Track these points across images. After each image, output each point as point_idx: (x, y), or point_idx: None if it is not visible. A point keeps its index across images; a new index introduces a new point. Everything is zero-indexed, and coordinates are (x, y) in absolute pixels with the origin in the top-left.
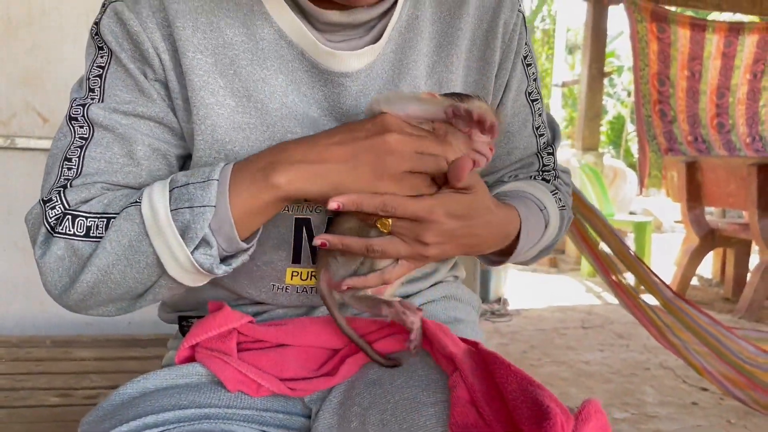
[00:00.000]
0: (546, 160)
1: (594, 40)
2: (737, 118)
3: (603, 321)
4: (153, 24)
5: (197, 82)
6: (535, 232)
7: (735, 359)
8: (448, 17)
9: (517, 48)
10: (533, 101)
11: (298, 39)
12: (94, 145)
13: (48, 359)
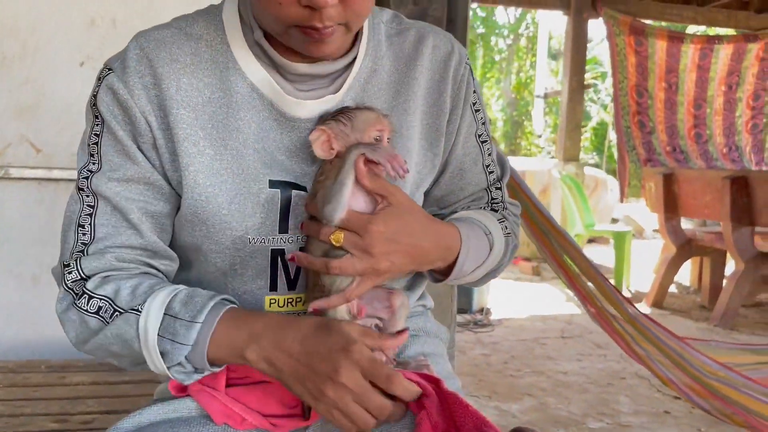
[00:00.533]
0: (494, 194)
1: (574, 53)
2: (714, 128)
3: (582, 331)
4: (140, 89)
5: (181, 135)
6: (478, 252)
7: (694, 372)
8: (404, 69)
9: (465, 96)
10: (482, 142)
11: (268, 91)
12: (100, 214)
13: (44, 384)
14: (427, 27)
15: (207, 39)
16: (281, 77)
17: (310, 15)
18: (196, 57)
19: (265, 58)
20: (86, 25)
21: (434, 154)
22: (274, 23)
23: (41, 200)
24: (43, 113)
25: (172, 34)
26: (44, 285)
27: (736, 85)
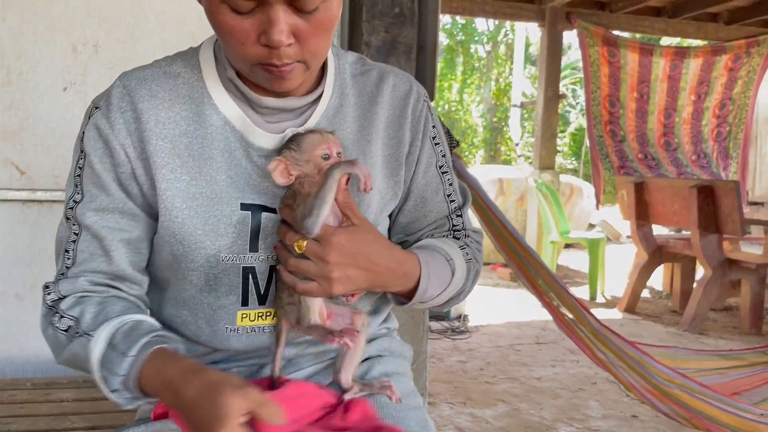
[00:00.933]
0: (455, 221)
1: (549, 64)
2: (682, 137)
3: (556, 337)
4: (121, 124)
5: (159, 163)
6: (440, 278)
7: (652, 379)
8: (367, 104)
9: (424, 130)
10: (443, 173)
11: (238, 124)
12: (81, 241)
13: (30, 402)
14: (388, 68)
15: (184, 77)
16: (252, 111)
17: (268, 53)
18: (173, 93)
19: (238, 93)
20: (69, 51)
21: (395, 182)
22: (239, 62)
23: (25, 221)
24: (27, 137)
25: (152, 73)
26: (28, 303)
27: (704, 95)
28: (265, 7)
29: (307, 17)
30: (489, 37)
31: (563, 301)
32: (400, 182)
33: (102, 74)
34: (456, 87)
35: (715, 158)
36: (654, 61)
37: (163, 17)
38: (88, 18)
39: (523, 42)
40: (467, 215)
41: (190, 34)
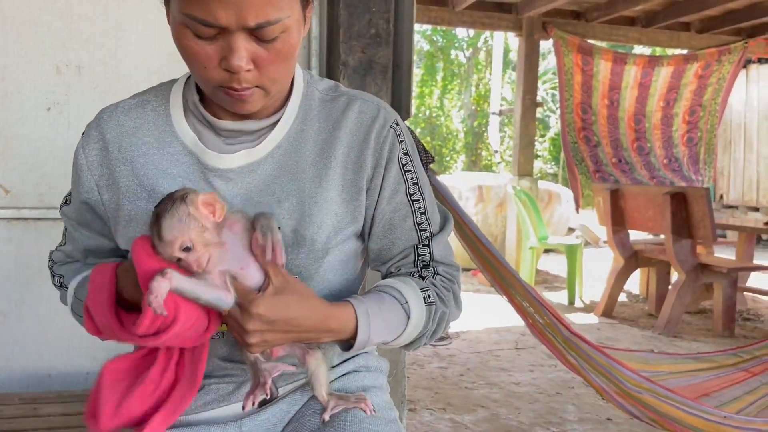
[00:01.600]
0: (422, 252)
1: (527, 72)
2: (654, 141)
3: (535, 342)
4: (93, 156)
5: (122, 186)
6: (389, 324)
7: (620, 384)
8: (331, 129)
9: (389, 156)
10: (414, 201)
11: (194, 147)
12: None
13: (19, 416)
14: (360, 95)
15: (153, 105)
16: (213, 134)
17: (229, 78)
18: (139, 121)
19: (200, 117)
20: (52, 72)
21: (355, 207)
22: (202, 84)
23: (10, 239)
24: (11, 156)
25: (125, 105)
26: (13, 320)
27: (674, 101)
28: (226, 35)
29: (267, 45)
30: (469, 43)
31: (535, 308)
32: (361, 207)
33: (85, 94)
34: (437, 93)
35: (685, 163)
36: (626, 69)
37: (145, 39)
38: (71, 40)
39: (502, 49)
40: (441, 246)
41: (170, 55)
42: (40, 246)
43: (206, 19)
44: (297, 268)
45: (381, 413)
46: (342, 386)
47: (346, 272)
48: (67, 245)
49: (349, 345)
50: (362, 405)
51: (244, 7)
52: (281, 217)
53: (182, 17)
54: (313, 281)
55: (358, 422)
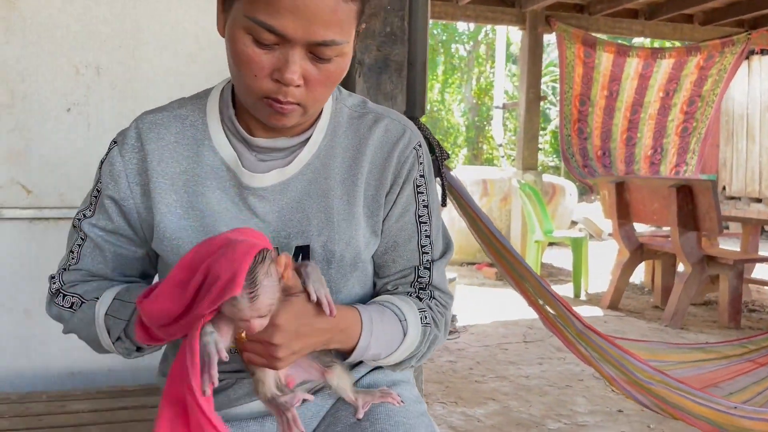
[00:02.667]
0: (422, 273)
1: (531, 66)
2: (645, 131)
3: (543, 335)
4: (133, 163)
5: (157, 198)
6: (387, 337)
7: (632, 375)
8: (358, 146)
9: (407, 175)
10: (421, 223)
11: (233, 164)
12: (85, 247)
13: (48, 413)
14: (387, 113)
15: (191, 119)
16: (247, 150)
17: (277, 89)
18: (179, 135)
19: (235, 132)
20: (71, 73)
21: (375, 222)
22: (246, 93)
23: (32, 238)
24: (32, 157)
25: (163, 117)
26: (36, 318)
27: (673, 92)
28: (285, 46)
29: (320, 66)
30: (470, 36)
31: (547, 301)
32: (379, 222)
33: (104, 95)
34: (437, 87)
35: (671, 153)
36: (628, 61)
37: (162, 40)
38: (90, 41)
39: (504, 42)
40: (440, 272)
41: (188, 55)
42: (61, 245)
43: (273, 26)
44: (327, 283)
45: (412, 407)
46: (373, 380)
47: (369, 285)
48: (84, 262)
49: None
50: (389, 399)
51: (315, 21)
52: (311, 234)
53: (246, 21)
54: (341, 294)
55: (393, 416)
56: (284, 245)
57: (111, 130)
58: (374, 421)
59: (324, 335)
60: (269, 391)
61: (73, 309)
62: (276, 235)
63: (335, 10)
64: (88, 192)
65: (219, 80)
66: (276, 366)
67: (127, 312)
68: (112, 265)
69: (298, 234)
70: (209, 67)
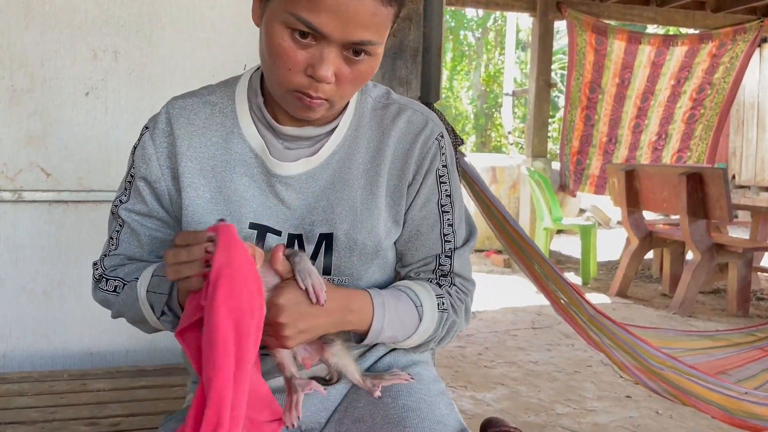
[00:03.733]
0: (443, 262)
1: (541, 53)
2: (653, 118)
3: (551, 321)
4: (163, 147)
5: (186, 182)
6: (402, 321)
7: (643, 361)
8: (381, 137)
9: (430, 165)
10: (444, 212)
11: (261, 152)
12: (123, 233)
13: (69, 392)
14: (410, 104)
15: (220, 106)
16: (274, 138)
17: (309, 83)
18: (208, 121)
19: (263, 120)
20: (90, 58)
21: (396, 212)
22: (277, 84)
23: (51, 221)
24: (51, 141)
25: (193, 102)
26: (55, 300)
27: (684, 79)
28: (321, 43)
29: (353, 65)
30: (478, 23)
31: (559, 287)
32: (401, 212)
33: (122, 79)
34: (446, 74)
35: (675, 140)
36: (641, 48)
37: (178, 24)
38: (107, 26)
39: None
40: (463, 259)
41: (203, 40)
42: (80, 228)
43: (313, 23)
44: (349, 270)
45: (432, 386)
46: (393, 360)
47: (389, 272)
48: (122, 247)
49: (362, 336)
50: (398, 380)
51: (354, 22)
52: (335, 222)
53: (286, 16)
54: (362, 281)
55: (414, 392)
56: (309, 232)
57: (128, 114)
58: (396, 396)
59: (330, 315)
60: (288, 370)
61: (117, 292)
62: (301, 222)
63: (375, 13)
64: (122, 179)
65: (235, 65)
66: (286, 344)
67: (165, 286)
68: (148, 249)
69: (322, 222)
70: (226, 52)
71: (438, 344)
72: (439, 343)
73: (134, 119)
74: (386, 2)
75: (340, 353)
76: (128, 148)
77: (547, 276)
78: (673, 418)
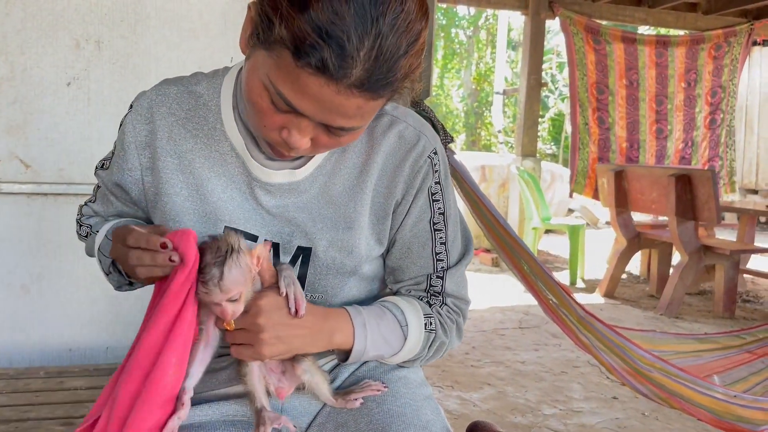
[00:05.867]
0: (434, 283)
1: (532, 52)
2: (675, 123)
3: (539, 321)
4: (141, 135)
5: (164, 177)
6: (384, 341)
7: (632, 363)
8: (369, 149)
9: (421, 184)
10: (436, 230)
11: (242, 153)
12: (99, 192)
13: (45, 390)
14: (403, 116)
15: (205, 98)
16: (255, 145)
17: (283, 143)
18: (191, 112)
19: (244, 128)
20: (72, 47)
21: (380, 230)
22: (252, 128)
23: (30, 213)
24: (31, 131)
25: (178, 91)
26: (34, 294)
27: (694, 82)
28: (300, 117)
29: (333, 136)
30: (470, 21)
31: (548, 287)
32: (386, 231)
33: (104, 69)
34: (437, 72)
35: (703, 147)
36: (639, 48)
37: (164, 14)
38: (91, 14)
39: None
40: (456, 278)
41: (189, 30)
42: (60, 221)
43: (292, 102)
44: (323, 287)
45: (418, 389)
46: (378, 363)
47: (370, 289)
48: (97, 204)
49: (346, 355)
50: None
51: (337, 114)
52: (314, 236)
53: (267, 81)
54: (337, 299)
55: (399, 397)
56: (287, 242)
57: (111, 105)
58: (381, 401)
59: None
60: (258, 401)
61: (86, 236)
62: (280, 231)
63: (361, 107)
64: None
65: (223, 57)
66: (261, 351)
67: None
68: (115, 213)
69: (301, 234)
70: (213, 43)
71: (423, 362)
72: (424, 362)
73: (117, 110)
74: (376, 96)
75: (311, 370)
76: (111, 140)
77: (536, 275)
78: (659, 420)
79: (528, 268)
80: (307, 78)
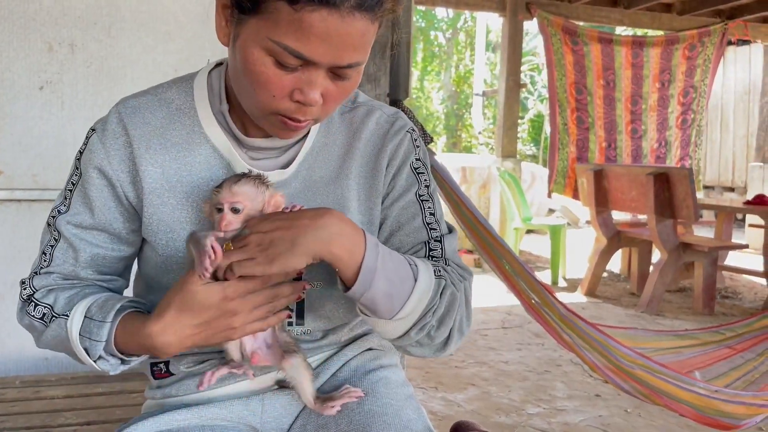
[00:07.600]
0: (432, 246)
1: (510, 53)
2: (649, 124)
3: (521, 321)
4: (115, 150)
5: (148, 188)
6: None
7: (615, 360)
8: (351, 139)
9: (403, 159)
10: (423, 201)
11: (227, 155)
12: (59, 248)
13: (21, 399)
14: (379, 106)
15: (177, 103)
16: (237, 146)
17: (296, 108)
18: (166, 120)
19: (227, 128)
20: (45, 50)
21: (370, 210)
22: (258, 109)
23: (4, 221)
24: (4, 136)
25: (147, 101)
26: (9, 302)
27: (668, 83)
28: (309, 69)
29: (339, 82)
30: (449, 24)
31: (530, 286)
32: (377, 210)
33: (78, 73)
34: (416, 74)
35: (675, 146)
36: (615, 49)
37: (139, 16)
38: (64, 17)
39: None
40: (453, 248)
41: (166, 33)
42: (35, 227)
43: (300, 52)
44: (318, 276)
45: (399, 389)
46: (360, 364)
47: None
48: (55, 263)
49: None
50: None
51: (345, 47)
52: None
53: (269, 44)
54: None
55: (380, 397)
56: None
57: (86, 109)
58: (361, 401)
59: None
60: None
61: (45, 321)
62: None
63: (364, 33)
64: (63, 187)
65: (199, 59)
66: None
67: (103, 333)
68: (85, 266)
69: None
70: (189, 45)
71: (438, 325)
72: (439, 323)
73: (92, 114)
74: (375, 18)
75: (298, 367)
76: None
77: (518, 275)
78: (642, 417)
79: (510, 268)
80: (310, 16)
